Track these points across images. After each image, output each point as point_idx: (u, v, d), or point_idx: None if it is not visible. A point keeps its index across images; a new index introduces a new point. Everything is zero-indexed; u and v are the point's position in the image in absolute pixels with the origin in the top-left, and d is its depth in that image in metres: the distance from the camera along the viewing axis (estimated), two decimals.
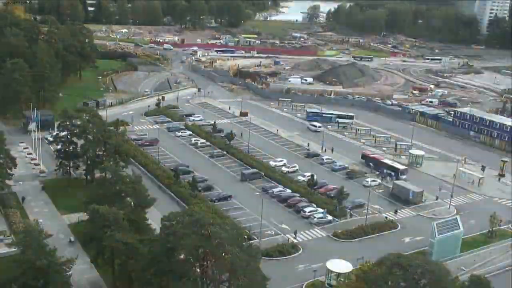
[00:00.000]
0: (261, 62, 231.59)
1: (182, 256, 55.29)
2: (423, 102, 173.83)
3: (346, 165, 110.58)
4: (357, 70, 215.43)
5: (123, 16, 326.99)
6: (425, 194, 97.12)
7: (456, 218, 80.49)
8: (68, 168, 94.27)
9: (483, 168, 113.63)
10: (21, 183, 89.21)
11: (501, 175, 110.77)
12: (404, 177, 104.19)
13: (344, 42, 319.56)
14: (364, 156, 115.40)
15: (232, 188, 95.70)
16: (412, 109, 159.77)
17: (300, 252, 76.11)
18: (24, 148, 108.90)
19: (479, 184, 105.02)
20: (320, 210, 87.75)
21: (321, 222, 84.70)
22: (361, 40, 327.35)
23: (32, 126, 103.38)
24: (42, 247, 53.43)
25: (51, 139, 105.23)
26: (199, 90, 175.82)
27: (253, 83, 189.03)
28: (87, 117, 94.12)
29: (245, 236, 70.35)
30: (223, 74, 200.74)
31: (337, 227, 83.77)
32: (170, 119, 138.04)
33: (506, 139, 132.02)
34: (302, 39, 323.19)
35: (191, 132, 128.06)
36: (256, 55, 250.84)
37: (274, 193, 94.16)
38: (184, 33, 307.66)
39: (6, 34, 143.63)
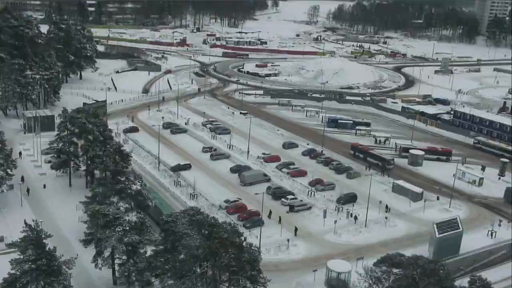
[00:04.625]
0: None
1: (182, 256, 55.34)
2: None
3: None
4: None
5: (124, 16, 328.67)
6: (425, 194, 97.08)
7: (456, 218, 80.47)
8: (68, 168, 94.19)
9: (483, 168, 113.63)
10: (21, 183, 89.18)
11: (501, 175, 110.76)
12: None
13: (342, 43, 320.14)
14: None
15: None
16: (412, 109, 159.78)
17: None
18: (25, 148, 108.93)
19: (479, 184, 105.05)
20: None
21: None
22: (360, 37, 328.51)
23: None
24: (42, 247, 53.40)
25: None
26: (199, 90, 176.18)
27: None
28: (87, 117, 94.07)
29: (245, 236, 70.45)
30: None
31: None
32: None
33: (506, 139, 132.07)
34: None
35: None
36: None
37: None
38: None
39: (6, 34, 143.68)
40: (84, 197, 74.70)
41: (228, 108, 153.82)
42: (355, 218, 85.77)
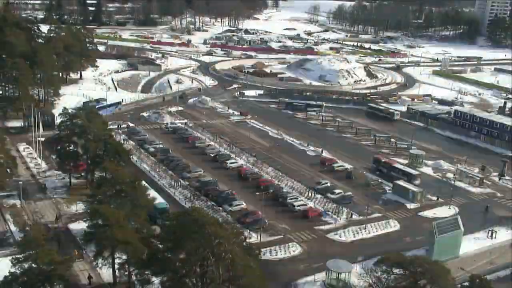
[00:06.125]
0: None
1: (182, 256, 55.36)
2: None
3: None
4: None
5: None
6: (425, 194, 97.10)
7: (456, 218, 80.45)
8: (68, 168, 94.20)
9: (483, 168, 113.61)
10: (21, 182, 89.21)
11: (501, 175, 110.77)
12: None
13: (342, 43, 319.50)
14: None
15: None
16: (413, 109, 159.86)
17: (300, 251, 76.15)
18: (25, 148, 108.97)
19: (479, 184, 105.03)
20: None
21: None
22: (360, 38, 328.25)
23: None
24: (42, 247, 53.48)
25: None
26: (199, 90, 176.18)
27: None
28: (87, 117, 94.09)
29: (245, 236, 70.64)
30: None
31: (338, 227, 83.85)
32: None
33: (506, 139, 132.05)
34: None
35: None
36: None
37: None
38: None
39: (7, 34, 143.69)
40: (84, 196, 74.91)
41: (228, 108, 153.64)
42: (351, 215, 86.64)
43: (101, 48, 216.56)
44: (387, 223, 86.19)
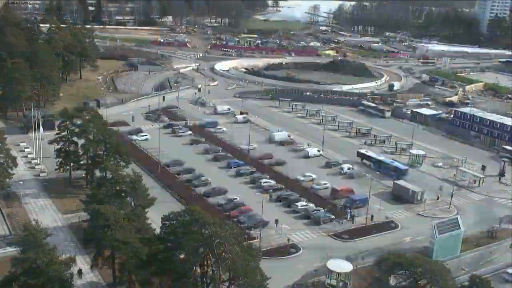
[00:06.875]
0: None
1: (182, 256, 55.35)
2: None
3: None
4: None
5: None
6: (426, 194, 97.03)
7: (457, 218, 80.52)
8: (68, 167, 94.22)
9: (483, 168, 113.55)
10: (21, 182, 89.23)
11: (502, 175, 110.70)
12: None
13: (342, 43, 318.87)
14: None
15: None
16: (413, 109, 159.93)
17: (300, 252, 76.13)
18: (25, 148, 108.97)
19: (479, 184, 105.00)
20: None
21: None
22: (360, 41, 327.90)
23: None
24: (42, 247, 53.43)
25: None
26: (199, 90, 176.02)
27: None
28: (87, 117, 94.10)
29: (245, 236, 70.67)
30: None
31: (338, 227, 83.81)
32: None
33: (507, 138, 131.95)
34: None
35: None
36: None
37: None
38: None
39: (7, 34, 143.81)
40: (84, 196, 74.87)
41: (229, 109, 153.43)
42: (353, 217, 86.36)
43: (101, 48, 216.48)
44: (387, 223, 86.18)
